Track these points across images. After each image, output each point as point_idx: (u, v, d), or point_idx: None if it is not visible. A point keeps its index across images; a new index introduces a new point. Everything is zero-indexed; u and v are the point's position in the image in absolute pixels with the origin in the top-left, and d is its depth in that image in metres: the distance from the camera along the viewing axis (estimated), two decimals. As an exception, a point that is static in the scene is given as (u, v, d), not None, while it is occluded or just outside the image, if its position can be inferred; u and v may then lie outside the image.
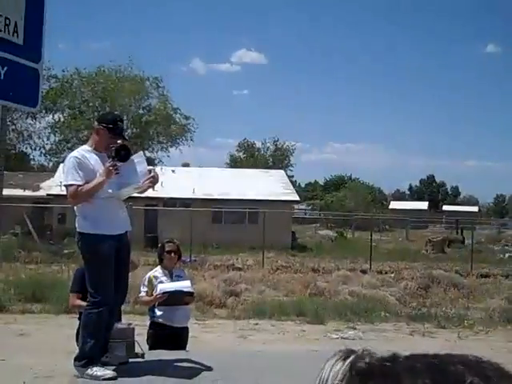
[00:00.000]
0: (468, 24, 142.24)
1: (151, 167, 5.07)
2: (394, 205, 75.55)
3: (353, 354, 1.30)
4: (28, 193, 33.25)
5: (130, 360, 4.89)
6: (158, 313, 5.88)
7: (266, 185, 34.33)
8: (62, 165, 34.21)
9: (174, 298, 5.72)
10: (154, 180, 4.76)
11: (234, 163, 65.18)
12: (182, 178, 33.07)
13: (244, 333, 11.04)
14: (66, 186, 4.63)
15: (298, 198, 35.92)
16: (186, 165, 42.78)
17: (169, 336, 5.82)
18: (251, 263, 21.71)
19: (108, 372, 4.45)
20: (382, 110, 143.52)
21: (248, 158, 67.85)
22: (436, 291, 16.03)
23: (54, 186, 32.02)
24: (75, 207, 4.70)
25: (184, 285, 5.91)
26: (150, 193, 5.11)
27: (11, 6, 3.72)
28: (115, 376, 4.42)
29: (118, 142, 4.74)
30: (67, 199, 4.70)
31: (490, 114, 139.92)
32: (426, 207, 77.03)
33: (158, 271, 6.04)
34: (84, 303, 4.86)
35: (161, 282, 5.86)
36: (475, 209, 77.67)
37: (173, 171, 34.68)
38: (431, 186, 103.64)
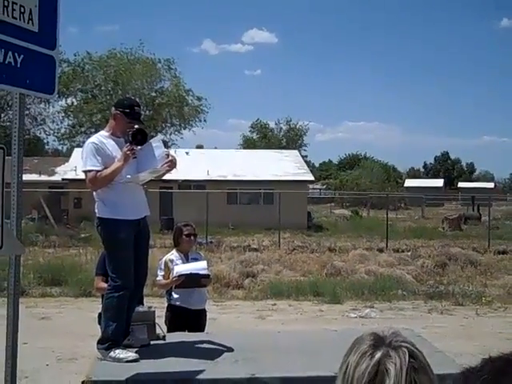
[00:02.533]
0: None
1: (169, 151, 5.07)
2: (408, 183, 75.19)
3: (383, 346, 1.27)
4: (44, 177, 33.49)
5: (152, 342, 4.94)
6: (175, 296, 5.91)
7: (281, 165, 34.28)
8: (75, 150, 34.36)
9: (191, 281, 5.75)
10: (171, 164, 4.75)
11: (248, 144, 65.06)
12: (196, 160, 33.10)
13: (262, 313, 11.11)
14: (84, 171, 4.64)
15: (312, 178, 35.84)
16: (199, 147, 42.81)
17: (186, 319, 5.85)
18: (267, 244, 21.77)
19: (130, 354, 4.49)
20: (396, 87, 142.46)
21: (261, 138, 67.68)
22: (453, 269, 16.00)
23: (69, 170, 32.20)
24: (94, 192, 4.72)
25: (200, 266, 5.93)
26: (164, 175, 5.11)
27: (25, -7, 3.72)
28: (137, 358, 4.47)
29: (135, 126, 4.74)
30: (86, 185, 4.72)
31: (504, 88, 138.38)
32: (441, 184, 76.52)
33: (173, 254, 6.05)
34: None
35: (177, 265, 5.89)
36: (491, 185, 76.99)
37: (187, 153, 34.70)
38: (446, 164, 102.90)
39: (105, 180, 4.58)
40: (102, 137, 4.74)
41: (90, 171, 4.58)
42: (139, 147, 4.65)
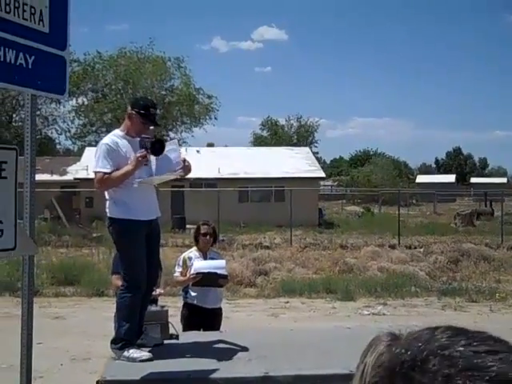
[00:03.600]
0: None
1: (184, 156, 5.07)
2: (420, 179, 74.84)
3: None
4: (55, 177, 33.62)
5: (165, 341, 4.95)
6: (192, 294, 5.93)
7: (292, 162, 34.22)
8: (87, 149, 34.45)
9: (208, 279, 5.75)
10: (187, 169, 4.78)
11: (258, 142, 65.02)
12: (207, 158, 33.11)
13: (275, 311, 11.11)
14: (94, 172, 4.66)
15: (323, 175, 35.76)
16: (210, 145, 42.87)
17: (202, 317, 5.87)
18: (279, 241, 21.75)
19: (144, 353, 4.50)
20: (406, 83, 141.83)
21: (272, 136, 67.62)
22: (466, 265, 15.91)
23: (80, 169, 32.30)
24: (105, 192, 4.73)
25: (218, 265, 5.94)
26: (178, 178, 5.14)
27: (36, -6, 3.72)
28: (151, 357, 4.48)
29: (150, 127, 4.76)
30: (94, 185, 4.74)
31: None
32: (453, 180, 76.11)
33: (192, 252, 6.08)
34: None
35: (193, 263, 5.90)
36: (504, 180, 76.37)
37: (198, 151, 34.72)
38: (458, 159, 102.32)
39: (113, 182, 4.59)
40: (116, 136, 4.74)
41: (98, 172, 4.59)
42: (154, 157, 4.67)
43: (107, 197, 4.73)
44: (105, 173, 4.56)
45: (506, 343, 0.76)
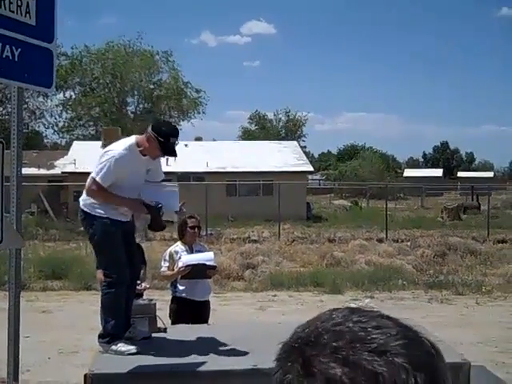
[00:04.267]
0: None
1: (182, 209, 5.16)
2: (408, 172, 75.12)
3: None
4: (43, 171, 33.40)
5: (153, 335, 4.95)
6: (180, 287, 5.94)
7: (280, 156, 34.24)
8: (74, 143, 34.22)
9: (197, 271, 5.77)
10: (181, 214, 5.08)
11: (247, 136, 64.98)
12: (195, 152, 33.04)
13: (263, 304, 11.14)
14: (92, 177, 4.50)
15: (311, 169, 35.83)
16: (198, 139, 42.73)
17: (191, 310, 5.89)
18: (267, 235, 21.78)
19: (132, 347, 4.50)
20: (394, 78, 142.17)
21: (260, 129, 67.61)
22: (453, 258, 16.02)
23: (68, 163, 32.15)
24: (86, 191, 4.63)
25: (207, 257, 5.96)
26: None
27: (22, -14, 3.70)
28: (139, 351, 4.48)
29: (166, 157, 4.79)
30: (85, 189, 4.59)
31: (503, 77, 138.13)
32: (440, 174, 76.49)
33: (178, 246, 6.08)
34: None
35: (182, 256, 5.92)
36: (490, 174, 76.90)
37: (186, 145, 34.64)
38: (445, 153, 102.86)
39: (102, 198, 4.51)
40: (130, 151, 4.53)
41: (96, 182, 4.47)
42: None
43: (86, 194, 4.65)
44: (101, 187, 4.47)
45: (396, 320, 0.82)
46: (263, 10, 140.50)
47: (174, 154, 4.67)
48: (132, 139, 4.62)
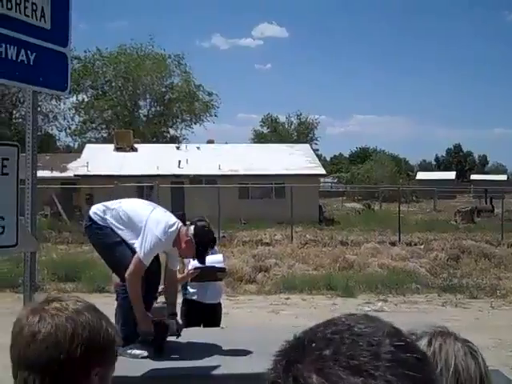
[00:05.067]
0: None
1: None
2: (420, 175, 74.76)
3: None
4: (56, 174, 33.59)
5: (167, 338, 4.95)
6: (191, 290, 5.94)
7: (292, 159, 34.20)
8: (87, 146, 34.34)
9: (207, 273, 5.76)
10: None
11: (259, 139, 65.00)
12: (207, 155, 33.11)
13: (275, 308, 11.12)
14: (138, 257, 4.42)
15: (324, 172, 35.75)
16: (210, 141, 42.84)
17: (202, 313, 5.88)
18: (279, 238, 21.75)
19: (145, 351, 4.51)
20: (406, 80, 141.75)
21: (272, 132, 67.62)
22: (467, 261, 15.93)
23: (80, 166, 32.30)
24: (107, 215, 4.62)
25: (216, 259, 5.95)
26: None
27: (37, -10, 3.72)
28: (152, 354, 4.48)
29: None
30: (130, 268, 4.42)
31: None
32: (453, 177, 76.02)
33: None
34: None
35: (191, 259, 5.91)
36: (504, 177, 76.38)
37: (198, 148, 34.74)
38: (458, 156, 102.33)
39: (132, 285, 4.44)
40: (170, 238, 4.54)
41: (141, 263, 4.42)
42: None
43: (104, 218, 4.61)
44: (144, 266, 4.42)
45: (400, 337, 0.81)
46: (275, 13, 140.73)
47: (204, 261, 4.79)
48: (176, 230, 4.55)
